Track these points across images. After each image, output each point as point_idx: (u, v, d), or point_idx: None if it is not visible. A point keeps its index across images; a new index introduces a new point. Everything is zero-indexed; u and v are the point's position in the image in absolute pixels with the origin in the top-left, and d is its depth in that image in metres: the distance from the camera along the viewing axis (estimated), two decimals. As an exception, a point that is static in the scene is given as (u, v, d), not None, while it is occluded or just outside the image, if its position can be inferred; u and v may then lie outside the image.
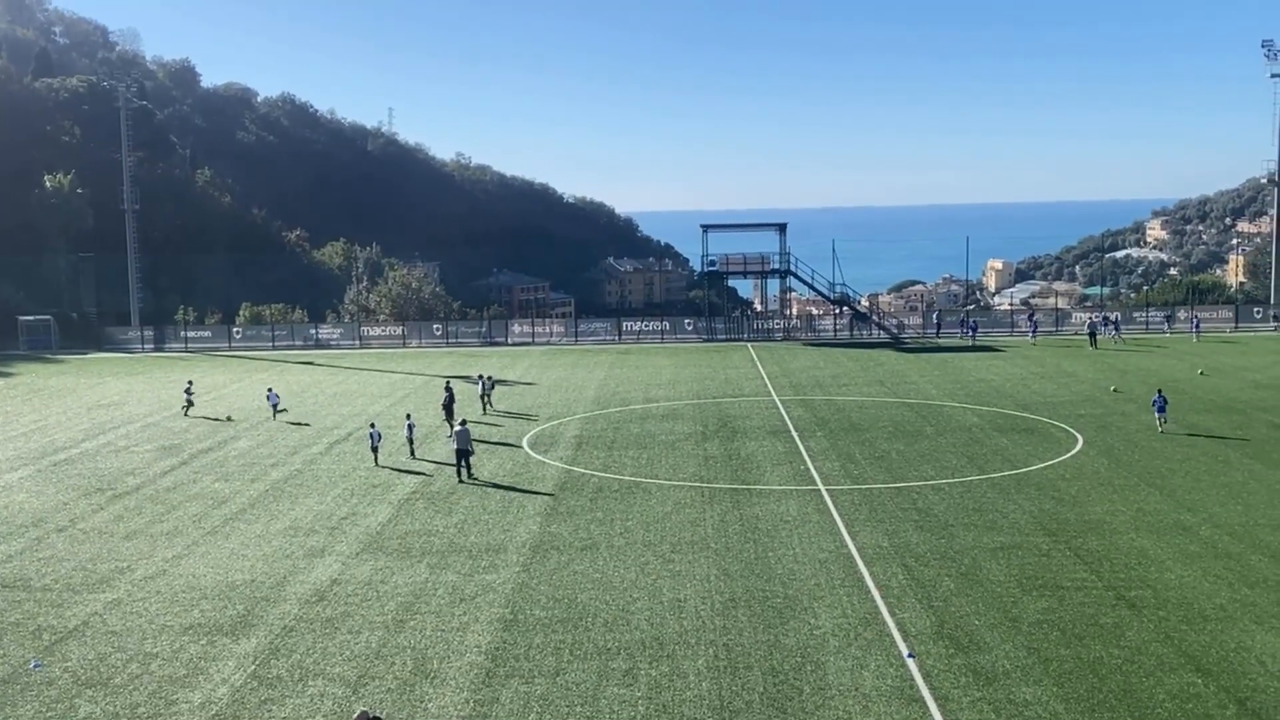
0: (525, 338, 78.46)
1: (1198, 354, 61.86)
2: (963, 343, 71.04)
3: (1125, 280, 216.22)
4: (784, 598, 22.97)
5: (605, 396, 50.79)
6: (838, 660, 19.73)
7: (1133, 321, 77.81)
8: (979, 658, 19.69)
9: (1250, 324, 76.34)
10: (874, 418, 43.52)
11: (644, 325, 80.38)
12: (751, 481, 33.40)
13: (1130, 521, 28.11)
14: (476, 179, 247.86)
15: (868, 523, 28.45)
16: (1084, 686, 18.45)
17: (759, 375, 57.08)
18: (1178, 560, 24.92)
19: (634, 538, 27.63)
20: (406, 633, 21.57)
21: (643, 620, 21.90)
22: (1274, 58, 79.93)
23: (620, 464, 36.16)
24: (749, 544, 26.85)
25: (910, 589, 23.33)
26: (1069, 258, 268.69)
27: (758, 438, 39.98)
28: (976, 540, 26.72)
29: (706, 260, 78.23)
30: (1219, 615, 21.49)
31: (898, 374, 56.42)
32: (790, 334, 77.49)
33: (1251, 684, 18.41)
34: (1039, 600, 22.52)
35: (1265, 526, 27.40)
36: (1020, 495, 30.94)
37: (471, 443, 35.29)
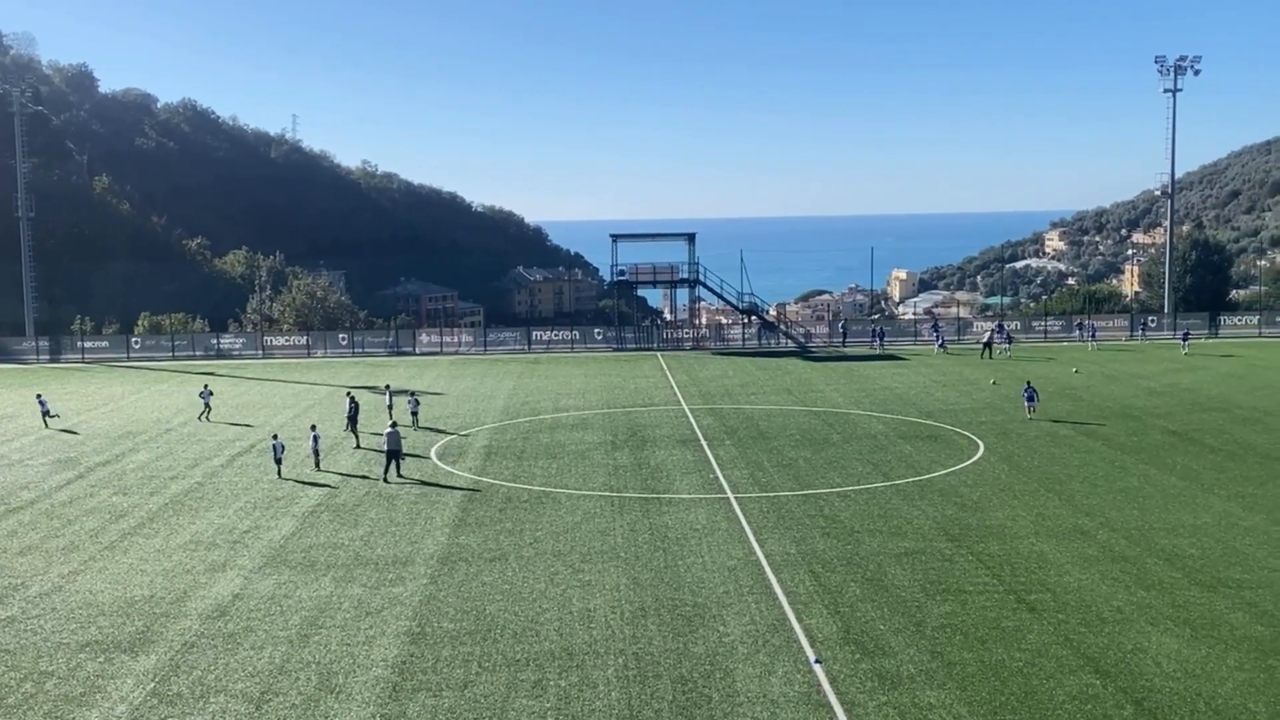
0: (433, 347, 77.82)
1: (1094, 361, 63.46)
2: (868, 351, 72.12)
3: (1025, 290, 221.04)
4: (693, 606, 23.04)
5: (515, 406, 50.57)
6: (746, 667, 19.84)
7: (1031, 330, 79.65)
8: (884, 662, 19.94)
9: (1148, 333, 78.49)
10: (782, 426, 43.91)
11: (554, 335, 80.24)
12: (661, 490, 33.48)
13: (1030, 526, 28.70)
14: (383, 187, 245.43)
15: (776, 530, 28.67)
16: (986, 689, 18.78)
17: (668, 384, 57.28)
18: (1076, 564, 25.50)
19: (543, 548, 27.52)
20: (311, 647, 21.22)
21: (552, 631, 21.80)
22: (1167, 73, 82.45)
23: (530, 474, 36.01)
24: (658, 553, 26.89)
25: (817, 595, 23.55)
26: (970, 268, 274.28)
27: (667, 447, 40.10)
28: (882, 546, 27.07)
29: (616, 270, 78.44)
30: (1116, 617, 22.02)
31: (805, 382, 57.01)
32: (699, 343, 77.94)
33: (1148, 684, 18.88)
34: (942, 604, 22.87)
35: (1160, 530, 28.16)
36: (924, 501, 31.42)
37: (401, 443, 36.02)
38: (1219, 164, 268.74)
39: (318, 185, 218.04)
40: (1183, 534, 27.75)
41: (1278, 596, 23.02)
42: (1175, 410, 46.15)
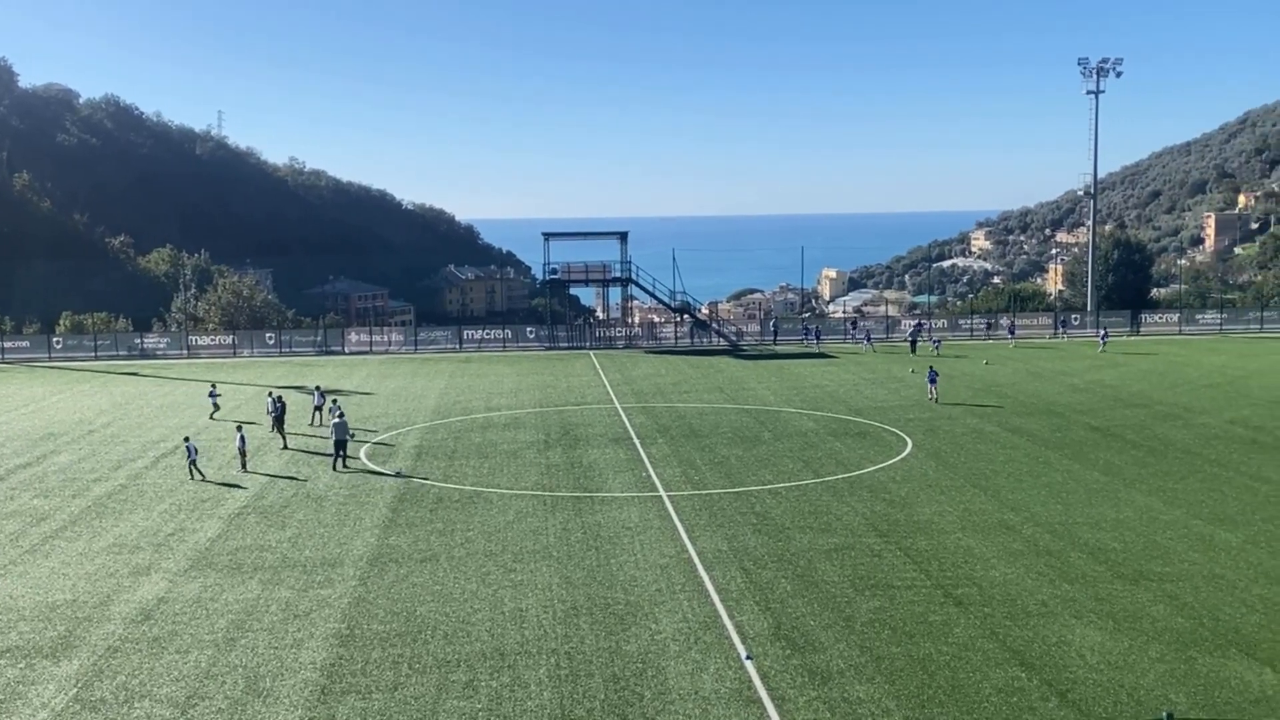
0: (363, 347, 77.11)
1: (1018, 359, 64.49)
2: (799, 349, 72.68)
3: (952, 289, 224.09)
4: (626, 604, 23.06)
5: (446, 406, 50.27)
6: (678, 665, 19.89)
7: (959, 329, 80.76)
8: (814, 657, 20.10)
9: (1071, 330, 79.92)
10: (714, 424, 44.10)
11: (486, 333, 79.86)
12: (594, 489, 33.47)
13: (957, 521, 29.09)
14: (311, 185, 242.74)
15: (708, 528, 28.79)
16: (914, 683, 19.00)
17: (601, 383, 57.28)
18: (1002, 558, 25.89)
19: (475, 548, 27.38)
20: (238, 651, 20.93)
21: (483, 631, 21.71)
22: (1090, 75, 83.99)
23: (461, 474, 35.81)
24: (591, 551, 26.88)
25: (749, 592, 23.68)
26: (899, 267, 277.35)
27: (600, 445, 40.09)
28: (812, 542, 27.28)
29: (548, 268, 78.25)
30: (1041, 611, 22.39)
31: (737, 381, 57.30)
32: (632, 342, 78.02)
33: (1072, 676, 19.22)
34: (871, 600, 23.11)
35: (1083, 524, 28.68)
36: (853, 498, 31.72)
37: (349, 432, 37.48)
38: (1140, 164, 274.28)
39: (244, 183, 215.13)
40: (1105, 528, 28.29)
41: (1198, 589, 23.55)
42: (1098, 407, 47.02)
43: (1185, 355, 65.86)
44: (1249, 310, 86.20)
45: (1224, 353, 66.83)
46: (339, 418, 37.83)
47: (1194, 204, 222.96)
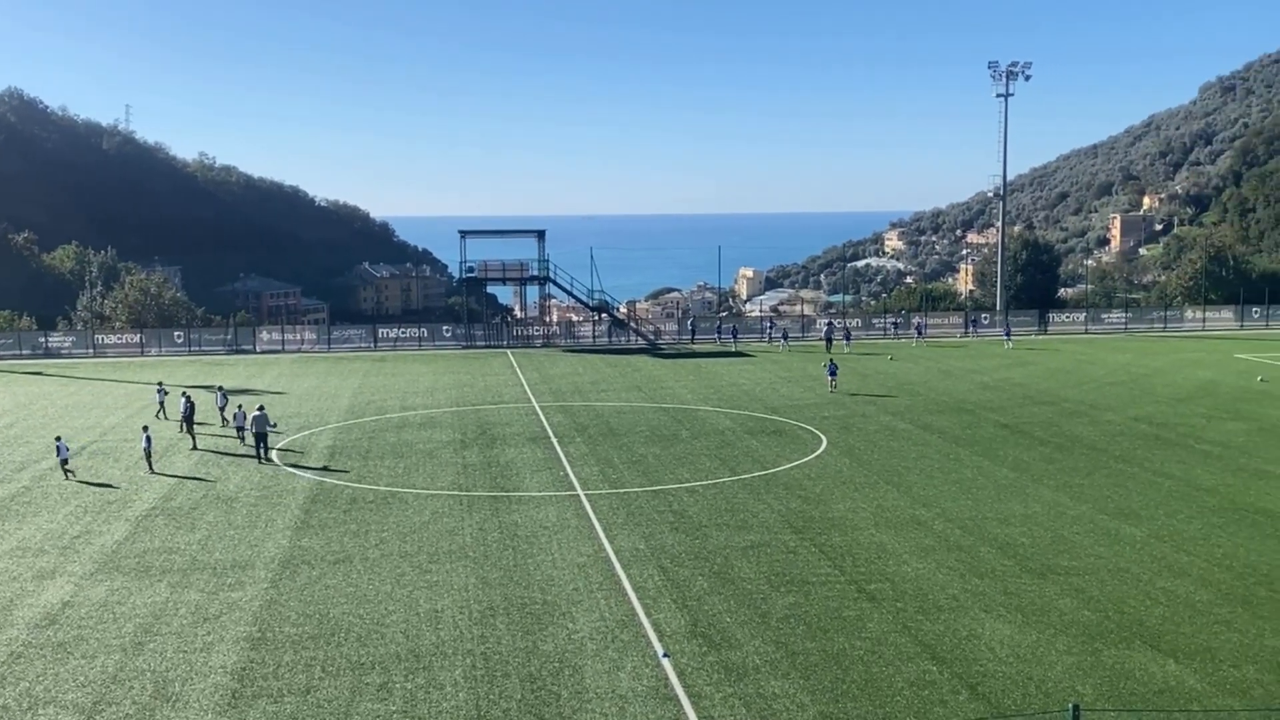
0: (275, 345, 75.94)
1: (927, 357, 65.48)
2: (717, 348, 73.10)
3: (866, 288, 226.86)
4: (543, 604, 23.00)
5: (360, 405, 49.71)
6: (595, 663, 19.88)
7: (872, 328, 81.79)
8: (730, 654, 20.22)
9: (981, 330, 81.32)
10: (632, 423, 44.15)
11: (401, 332, 79.11)
12: (511, 489, 33.32)
13: (871, 518, 29.46)
14: (221, 180, 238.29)
15: (625, 526, 28.82)
16: (829, 678, 19.20)
17: (519, 382, 57.06)
18: (914, 554, 26.27)
19: (390, 549, 27.11)
20: (146, 655, 20.49)
21: (398, 633, 21.50)
22: (999, 78, 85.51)
23: (376, 474, 35.44)
24: (508, 551, 26.76)
25: (666, 590, 23.75)
26: (814, 266, 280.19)
27: (517, 444, 39.93)
28: (729, 540, 27.44)
29: (465, 266, 77.77)
30: (952, 605, 22.76)
31: (655, 379, 57.44)
32: (550, 340, 77.86)
33: (981, 670, 19.56)
34: (787, 596, 23.31)
35: (993, 520, 29.21)
36: (769, 495, 31.97)
37: (271, 423, 38.50)
38: (1049, 167, 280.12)
39: (152, 178, 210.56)
40: (1014, 523, 28.83)
41: (1103, 583, 24.10)
42: (1007, 404, 47.92)
43: (1091, 354, 67.40)
44: (1153, 310, 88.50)
45: (1128, 351, 68.51)
46: (259, 410, 38.32)
47: (1100, 205, 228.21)
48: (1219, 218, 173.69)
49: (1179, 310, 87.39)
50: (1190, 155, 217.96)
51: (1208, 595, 23.22)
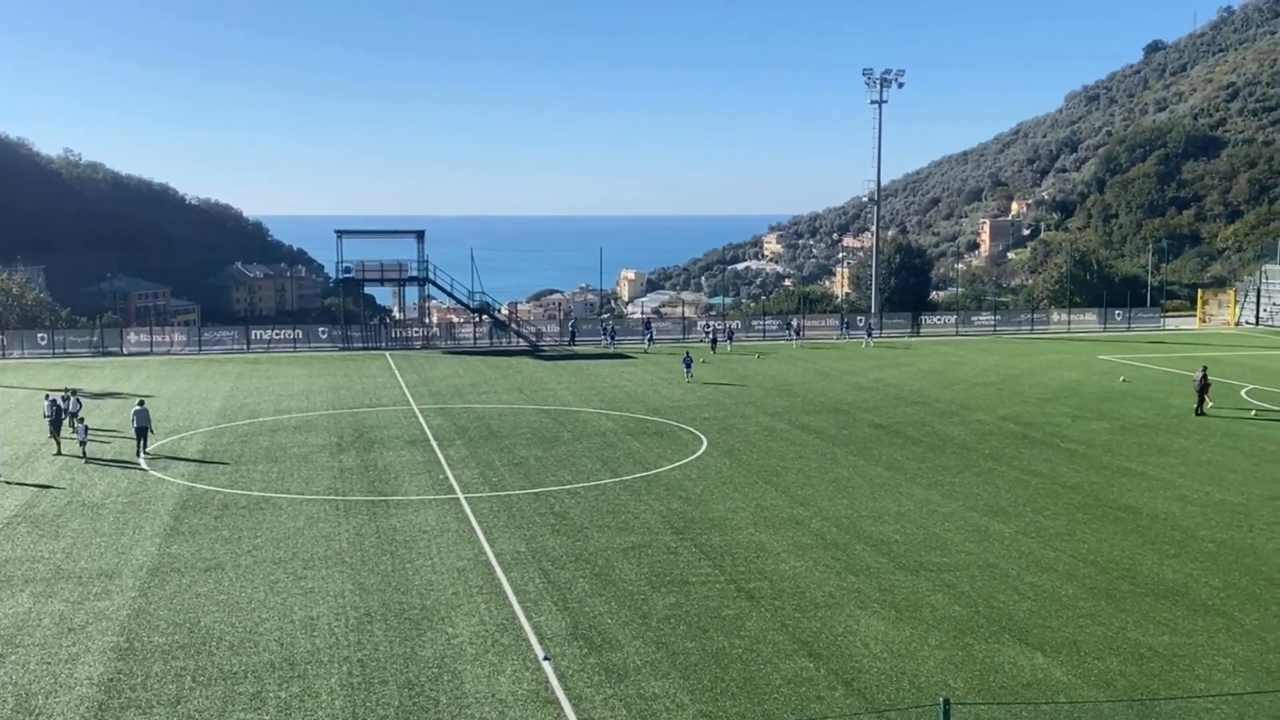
0: (143, 347, 73.74)
1: (805, 359, 66.49)
2: (598, 349, 73.17)
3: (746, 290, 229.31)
4: (421, 609, 22.73)
5: (232, 409, 48.54)
6: (475, 668, 19.72)
7: (751, 329, 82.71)
8: (611, 655, 20.24)
9: (855, 331, 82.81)
10: (513, 425, 43.93)
11: (275, 334, 77.41)
12: (389, 493, 32.88)
13: (750, 517, 29.77)
14: (88, 177, 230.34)
15: (506, 529, 28.65)
16: (708, 677, 19.34)
17: (397, 384, 56.34)
18: (792, 552, 26.62)
19: (263, 555, 26.52)
20: (7, 668, 19.70)
21: (272, 641, 21.04)
22: (874, 85, 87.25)
23: (249, 479, 34.64)
24: (386, 556, 26.39)
25: (547, 592, 23.67)
26: (695, 269, 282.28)
27: (396, 448, 39.42)
28: (610, 541, 27.47)
29: (342, 267, 76.51)
30: (828, 602, 23.12)
31: (536, 381, 57.25)
32: (430, 342, 77.05)
33: (857, 665, 19.90)
34: (667, 596, 23.42)
35: (868, 518, 29.76)
36: (650, 496, 32.10)
37: (151, 420, 38.58)
38: (921, 172, 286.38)
39: (13, 174, 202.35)
40: (888, 521, 29.41)
41: (974, 578, 24.72)
42: (881, 404, 48.88)
43: (962, 355, 69.13)
44: (1020, 312, 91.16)
45: (997, 353, 70.43)
46: (140, 405, 38.68)
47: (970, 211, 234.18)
48: (1083, 223, 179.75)
49: (1045, 313, 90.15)
50: (1056, 162, 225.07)
51: (1073, 589, 23.98)
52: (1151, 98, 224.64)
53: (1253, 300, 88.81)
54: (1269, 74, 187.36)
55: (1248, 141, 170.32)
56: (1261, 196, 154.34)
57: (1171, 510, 30.66)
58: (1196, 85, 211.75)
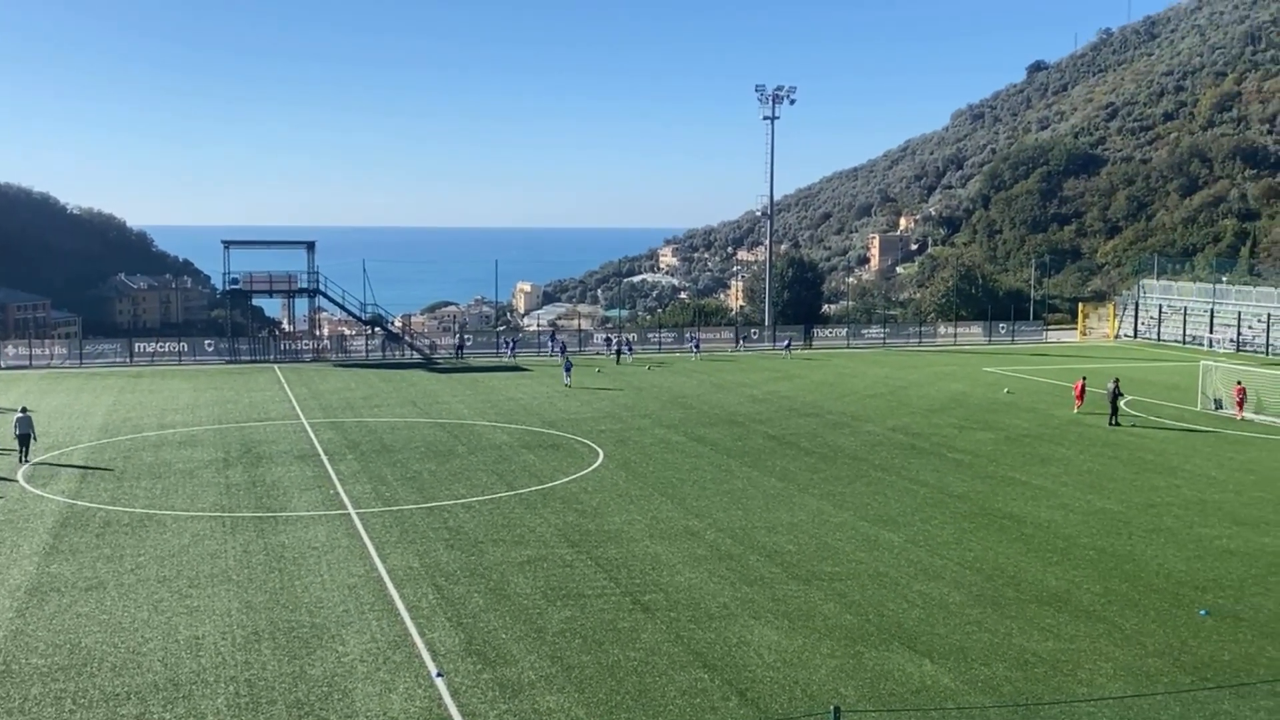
0: (21, 360, 71.34)
1: (701, 371, 66.97)
2: (494, 362, 72.77)
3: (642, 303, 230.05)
4: (311, 627, 22.33)
5: (115, 423, 47.21)
6: (366, 686, 19.43)
7: (648, 341, 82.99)
8: (505, 671, 20.10)
9: (749, 344, 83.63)
10: (406, 438, 43.45)
11: (160, 346, 75.50)
12: (278, 509, 32.26)
13: (646, 529, 29.85)
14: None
15: (399, 544, 28.31)
16: (603, 690, 19.32)
17: (287, 398, 55.35)
18: (687, 563, 26.75)
19: (147, 574, 25.82)
20: None
21: (156, 661, 20.48)
22: (766, 101, 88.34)
23: (132, 496, 33.71)
24: (274, 574, 25.88)
25: (440, 608, 23.44)
26: (592, 281, 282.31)
27: (285, 463, 38.70)
28: (505, 555, 27.31)
29: (229, 278, 74.90)
30: (722, 613, 23.27)
31: (430, 394, 56.71)
32: (320, 355, 75.84)
33: (751, 675, 20.05)
34: (563, 610, 23.35)
35: (761, 529, 30.04)
36: (546, 509, 31.99)
37: (34, 427, 38.88)
38: (813, 188, 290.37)
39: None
40: (781, 531, 29.73)
41: (864, 587, 25.10)
42: (775, 416, 49.42)
43: (852, 367, 70.23)
44: (909, 325, 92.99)
45: (887, 365, 71.71)
46: (23, 412, 38.97)
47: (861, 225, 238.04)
48: (969, 238, 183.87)
49: (933, 326, 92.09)
50: (943, 179, 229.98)
51: (960, 597, 24.48)
52: (1034, 116, 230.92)
53: (1131, 314, 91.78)
54: (1146, 94, 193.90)
55: (1126, 159, 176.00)
56: (1139, 213, 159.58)
57: (1054, 518, 31.50)
58: (1077, 105, 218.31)
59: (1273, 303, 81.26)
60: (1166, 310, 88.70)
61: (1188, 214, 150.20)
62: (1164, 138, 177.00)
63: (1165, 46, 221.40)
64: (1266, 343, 77.97)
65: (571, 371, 60.60)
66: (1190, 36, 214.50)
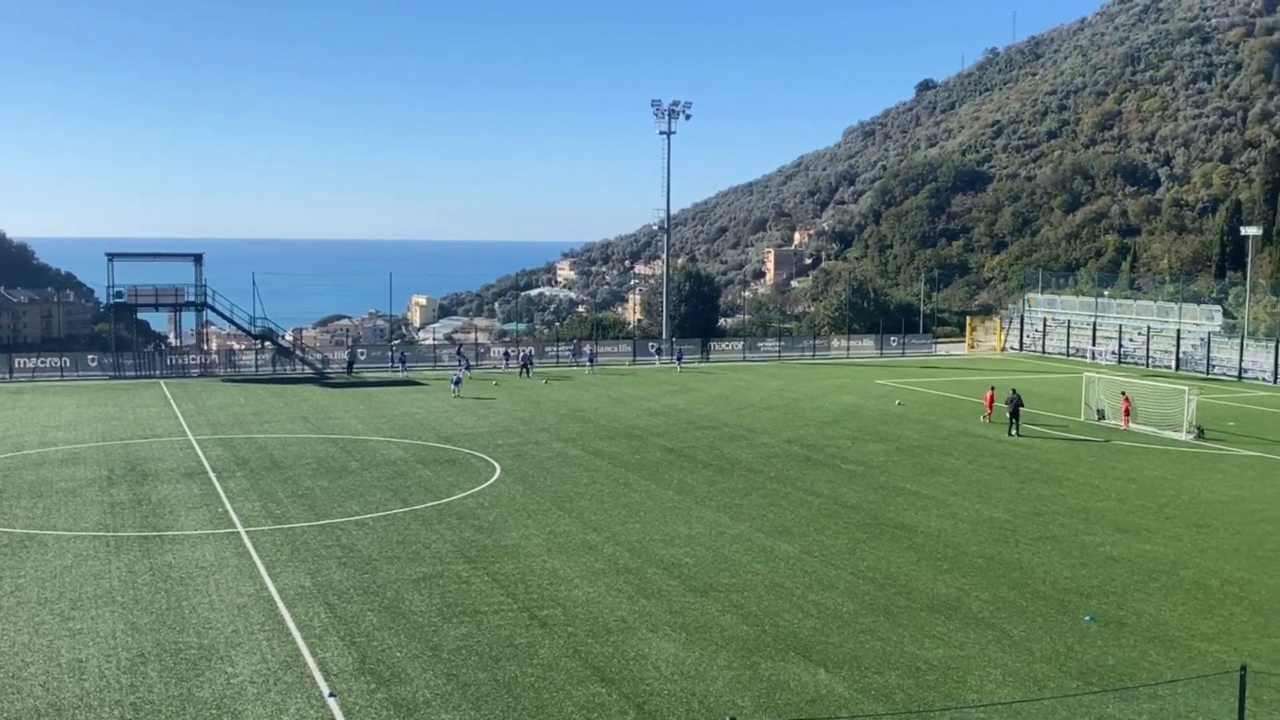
0: (-108, 377, 68.55)
1: (598, 385, 66.99)
2: (387, 377, 71.90)
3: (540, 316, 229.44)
4: (199, 648, 21.79)
5: (-7, 441, 45.60)
6: (256, 708, 19.00)
7: (545, 355, 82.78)
8: (400, 690, 19.83)
9: (645, 357, 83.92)
10: (298, 455, 42.68)
11: (41, 362, 73.12)
12: (164, 528, 31.44)
13: (543, 544, 29.72)
14: None
15: (290, 563, 27.77)
16: (500, 707, 19.16)
17: (173, 414, 54.02)
18: (585, 578, 26.69)
19: (26, 596, 24.95)
20: None
21: (37, 686, 19.79)
22: (662, 116, 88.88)
23: (11, 515, 32.56)
24: (160, 594, 25.20)
25: (333, 627, 23.04)
26: (489, 294, 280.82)
27: (171, 481, 37.76)
28: (399, 572, 26.96)
29: (113, 291, 72.92)
30: (620, 627, 23.25)
31: (322, 409, 55.82)
32: (208, 370, 74.18)
33: (648, 688, 20.06)
34: (459, 627, 23.12)
35: (659, 541, 30.11)
36: (442, 525, 31.68)
37: None
38: (709, 202, 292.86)
39: None
40: (679, 544, 29.83)
41: (760, 598, 25.30)
42: (672, 429, 49.63)
43: (748, 380, 70.87)
44: (803, 339, 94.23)
45: (782, 378, 72.51)
46: None
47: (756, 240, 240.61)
48: (861, 253, 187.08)
49: (826, 339, 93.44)
50: (836, 194, 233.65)
51: (854, 606, 24.81)
52: (923, 134, 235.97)
53: (1017, 327, 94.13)
54: (1030, 113, 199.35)
55: (1011, 176, 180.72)
56: (1024, 228, 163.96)
57: (944, 527, 32.11)
58: (964, 122, 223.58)
59: (1152, 315, 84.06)
60: (1051, 323, 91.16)
61: (1071, 230, 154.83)
62: (1048, 155, 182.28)
63: (1049, 66, 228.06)
64: (1147, 354, 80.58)
65: (461, 384, 61.97)
66: (1073, 57, 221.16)
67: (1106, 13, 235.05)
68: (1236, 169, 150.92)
